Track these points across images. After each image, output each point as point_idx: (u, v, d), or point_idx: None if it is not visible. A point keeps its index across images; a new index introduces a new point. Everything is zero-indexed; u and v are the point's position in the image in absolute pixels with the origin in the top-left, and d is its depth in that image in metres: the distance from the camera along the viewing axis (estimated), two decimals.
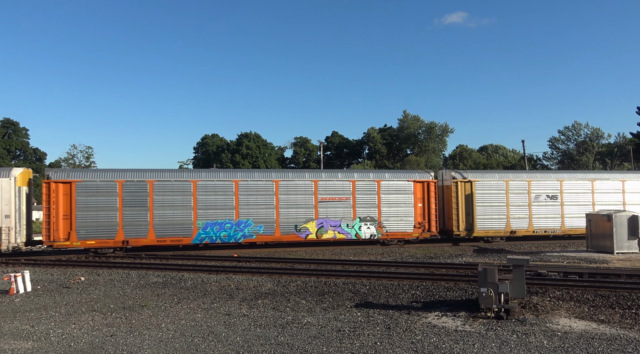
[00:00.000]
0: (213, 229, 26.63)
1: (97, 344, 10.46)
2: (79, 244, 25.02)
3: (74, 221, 24.95)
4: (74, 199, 24.99)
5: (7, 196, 23.98)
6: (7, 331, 11.55)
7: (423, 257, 24.31)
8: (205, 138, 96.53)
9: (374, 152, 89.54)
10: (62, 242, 24.84)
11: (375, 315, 12.77)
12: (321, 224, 27.85)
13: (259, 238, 27.17)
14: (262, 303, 14.42)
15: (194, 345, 10.36)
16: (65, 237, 24.88)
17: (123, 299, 15.06)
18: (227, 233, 26.78)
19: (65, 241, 24.85)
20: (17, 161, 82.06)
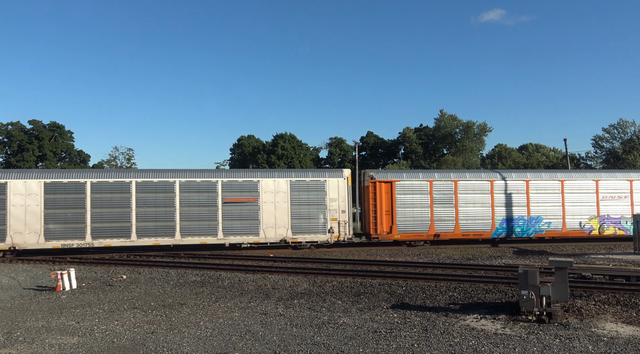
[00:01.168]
0: (509, 225, 29.50)
1: (139, 341, 10.74)
2: (399, 236, 28.46)
3: (395, 217, 28.32)
4: (394, 197, 28.45)
5: (343, 194, 27.86)
6: (55, 327, 12.00)
7: (460, 259, 23.90)
8: (241, 139, 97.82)
9: (409, 152, 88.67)
10: (385, 235, 28.34)
11: (412, 316, 12.62)
12: (603, 221, 30.15)
13: (548, 234, 29.86)
14: (298, 302, 14.49)
15: (232, 343, 10.50)
16: (388, 231, 28.36)
17: (163, 297, 15.41)
18: (521, 228, 29.63)
19: (388, 234, 28.35)
20: (63, 162, 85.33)
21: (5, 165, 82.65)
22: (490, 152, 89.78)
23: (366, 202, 29.33)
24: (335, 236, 27.49)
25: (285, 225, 27.22)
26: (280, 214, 27.21)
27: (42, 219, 25.31)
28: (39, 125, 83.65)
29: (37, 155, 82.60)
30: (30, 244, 25.18)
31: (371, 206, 28.57)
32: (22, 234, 24.99)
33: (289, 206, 27.35)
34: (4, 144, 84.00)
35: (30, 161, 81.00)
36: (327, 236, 27.53)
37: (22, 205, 25.12)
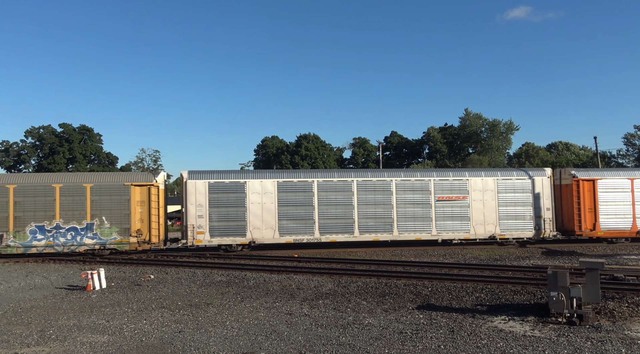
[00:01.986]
0: None
1: (167, 340, 10.91)
2: (602, 233, 28.73)
3: (597, 214, 28.65)
4: (597, 195, 28.76)
5: (547, 192, 28.86)
6: (86, 325, 12.28)
7: (487, 259, 23.56)
8: (265, 140, 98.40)
9: (434, 152, 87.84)
10: (588, 233, 28.66)
11: (438, 318, 12.49)
12: None
13: None
14: (323, 303, 14.49)
15: (257, 343, 10.56)
16: (591, 228, 28.71)
17: (190, 297, 15.62)
18: None
19: (591, 231, 28.69)
20: (92, 164, 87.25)
21: (37, 168, 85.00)
22: (517, 151, 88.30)
23: (566, 200, 29.73)
24: (542, 233, 28.38)
25: (494, 222, 28.45)
26: (488, 212, 28.44)
27: (276, 216, 27.25)
28: (69, 128, 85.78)
29: (68, 157, 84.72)
30: (267, 239, 27.21)
31: (575, 203, 28.87)
32: (259, 229, 27.07)
33: (497, 203, 28.57)
34: (36, 147, 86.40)
35: (61, 164, 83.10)
36: (533, 233, 28.47)
37: (259, 203, 27.15)
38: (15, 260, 25.36)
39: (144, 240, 25.97)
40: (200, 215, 26.64)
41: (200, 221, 26.63)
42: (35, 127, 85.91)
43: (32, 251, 25.49)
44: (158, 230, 26.25)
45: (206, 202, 26.84)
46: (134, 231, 25.94)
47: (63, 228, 25.65)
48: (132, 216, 26.02)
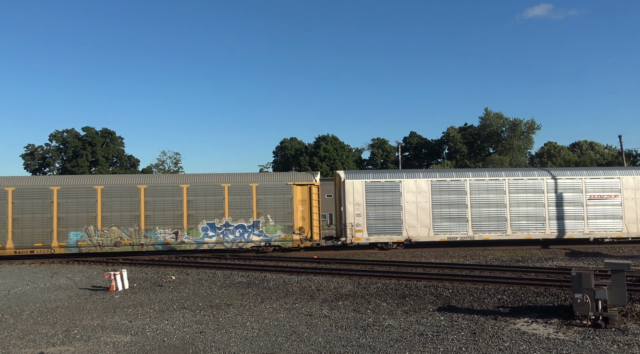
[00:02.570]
0: None
1: (188, 340, 11.01)
2: None
3: None
4: None
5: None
6: (109, 325, 12.48)
7: (509, 261, 23.24)
8: (284, 142, 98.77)
9: (454, 152, 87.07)
10: None
11: (459, 320, 12.37)
12: None
13: None
14: (343, 304, 14.47)
15: (278, 344, 10.59)
16: None
17: (210, 298, 15.74)
18: None
19: None
20: (114, 167, 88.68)
21: (61, 170, 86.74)
22: (539, 150, 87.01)
23: None
24: None
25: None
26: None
27: (430, 215, 27.85)
28: (91, 132, 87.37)
29: (90, 160, 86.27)
30: (422, 237, 27.82)
31: None
32: (415, 228, 27.72)
33: None
34: (60, 150, 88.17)
35: (84, 166, 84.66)
36: None
37: (414, 202, 27.83)
38: (41, 261, 25.90)
39: (306, 237, 27.13)
40: (358, 214, 27.46)
41: (358, 220, 27.43)
42: (59, 131, 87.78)
43: (203, 247, 26.98)
44: (319, 228, 27.38)
45: (363, 201, 27.62)
46: (296, 229, 27.16)
47: (232, 226, 27.05)
48: (294, 214, 27.29)
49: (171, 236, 26.85)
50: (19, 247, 26.06)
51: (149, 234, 26.76)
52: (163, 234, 26.83)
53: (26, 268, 23.92)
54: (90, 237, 26.51)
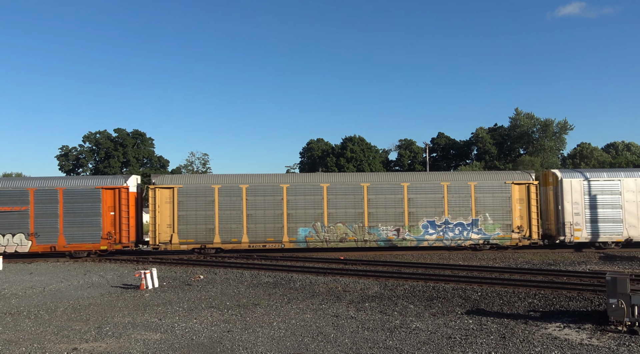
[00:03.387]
0: None
1: (216, 339, 11.14)
2: None
3: None
4: None
5: None
6: (140, 323, 12.73)
7: (540, 264, 22.73)
8: (311, 143, 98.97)
9: (483, 153, 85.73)
10: None
11: (488, 323, 12.16)
12: None
13: None
14: (370, 306, 14.40)
15: (304, 344, 10.62)
16: None
17: (238, 298, 15.89)
18: None
19: None
20: (145, 168, 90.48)
21: (93, 171, 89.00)
22: (571, 151, 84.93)
23: None
24: None
25: None
26: None
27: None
28: (123, 133, 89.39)
29: (122, 161, 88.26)
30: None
31: None
32: (636, 228, 27.38)
33: None
34: (93, 151, 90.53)
35: (116, 167, 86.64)
36: None
37: (634, 201, 27.50)
38: (74, 260, 26.61)
39: (524, 236, 27.31)
40: (576, 213, 27.33)
41: (577, 219, 27.29)
42: (92, 132, 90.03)
43: (423, 244, 27.58)
44: (537, 226, 27.45)
45: (582, 200, 27.36)
46: (515, 227, 27.33)
47: (451, 224, 27.53)
48: (512, 212, 27.40)
49: (393, 233, 27.51)
50: (253, 242, 26.99)
51: (372, 231, 27.47)
52: (385, 231, 27.50)
53: (60, 266, 24.60)
54: (318, 233, 27.40)
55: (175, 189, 27.03)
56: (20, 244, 26.50)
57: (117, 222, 26.75)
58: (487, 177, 28.42)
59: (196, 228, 27.02)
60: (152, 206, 26.97)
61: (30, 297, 16.79)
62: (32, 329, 12.21)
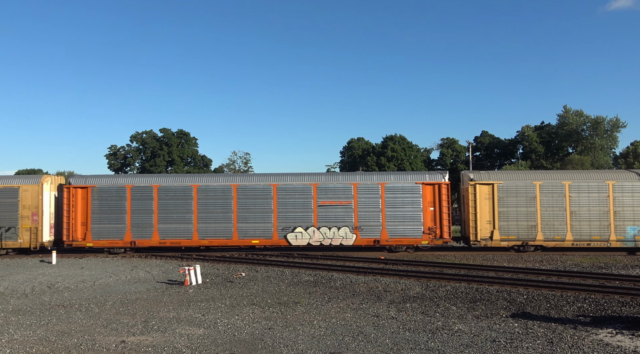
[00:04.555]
0: None
1: (257, 336, 11.27)
2: None
3: None
4: None
5: None
6: (184, 318, 13.04)
7: (590, 267, 21.87)
8: (351, 142, 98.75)
9: (529, 152, 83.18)
10: None
11: (534, 327, 11.78)
12: None
13: None
14: (411, 306, 14.23)
15: (345, 344, 10.60)
16: None
17: (278, 295, 16.04)
18: None
19: None
20: (189, 167, 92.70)
21: (140, 170, 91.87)
22: (624, 150, 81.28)
23: None
24: None
25: None
26: None
27: None
28: (168, 133, 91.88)
29: (167, 160, 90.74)
30: None
31: None
32: None
33: None
34: (140, 150, 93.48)
35: (161, 166, 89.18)
36: None
37: None
38: (122, 255, 27.55)
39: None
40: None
41: None
42: (139, 132, 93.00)
43: None
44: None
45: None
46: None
47: None
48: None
49: None
50: (577, 240, 26.87)
51: None
52: None
53: (109, 261, 25.53)
54: None
55: (495, 185, 27.25)
56: (345, 238, 27.25)
57: (437, 218, 27.19)
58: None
59: (517, 225, 27.03)
60: (472, 202, 27.25)
61: (82, 290, 17.50)
62: (83, 322, 12.72)
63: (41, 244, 27.66)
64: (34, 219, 27.54)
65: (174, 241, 27.59)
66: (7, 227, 27.58)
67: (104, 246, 27.69)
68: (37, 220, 27.54)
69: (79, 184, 27.88)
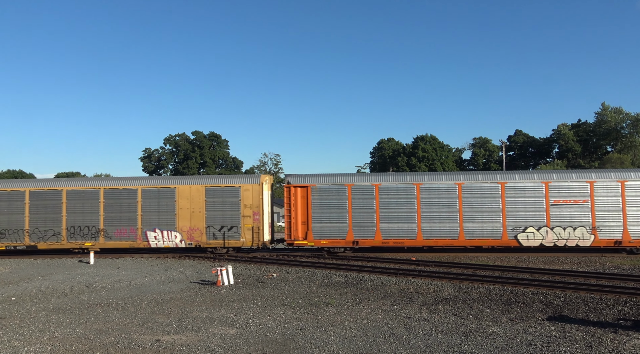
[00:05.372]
0: None
1: (289, 336, 11.33)
2: None
3: None
4: None
5: None
6: (217, 318, 13.22)
7: (631, 269, 21.11)
8: (381, 142, 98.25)
9: (565, 151, 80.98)
10: None
11: (572, 331, 11.45)
12: None
13: None
14: (443, 308, 14.05)
15: (376, 345, 10.53)
16: None
17: (309, 296, 16.08)
18: None
19: None
20: (220, 169, 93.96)
21: (173, 172, 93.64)
22: None
23: None
24: None
25: None
26: None
27: None
28: (200, 135, 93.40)
29: (199, 162, 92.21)
30: None
31: None
32: None
33: None
34: (173, 153, 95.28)
35: (194, 168, 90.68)
36: None
37: None
38: (157, 255, 28.14)
39: None
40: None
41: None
42: (172, 135, 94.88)
43: None
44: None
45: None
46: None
47: None
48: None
49: None
50: None
51: None
52: None
53: (144, 262, 26.11)
54: None
55: None
56: (582, 238, 25.98)
57: None
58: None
59: None
60: None
61: (118, 290, 17.95)
62: (119, 320, 13.05)
63: (263, 244, 27.88)
64: (256, 219, 27.80)
65: (397, 241, 27.08)
66: (230, 226, 27.96)
67: (325, 246, 27.47)
68: (259, 219, 27.80)
69: (299, 184, 27.80)
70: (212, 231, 28.04)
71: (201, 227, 28.01)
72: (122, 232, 28.32)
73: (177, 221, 28.10)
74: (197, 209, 28.08)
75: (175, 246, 28.16)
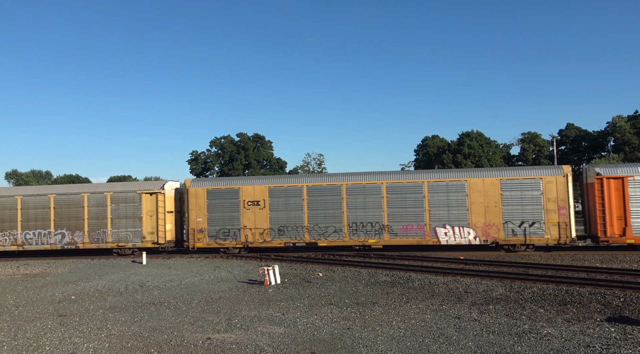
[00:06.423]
0: None
1: (336, 336, 11.32)
2: None
3: None
4: None
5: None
6: (265, 317, 13.39)
7: None
8: (426, 140, 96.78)
9: (621, 144, 77.22)
10: None
11: (634, 333, 10.89)
12: None
13: None
14: (494, 308, 13.67)
15: (425, 346, 10.37)
16: None
17: (356, 296, 16.02)
18: None
19: None
20: (264, 169, 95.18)
21: (219, 173, 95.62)
22: None
23: None
24: None
25: None
26: None
27: None
28: (244, 137, 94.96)
29: (244, 164, 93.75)
30: None
31: None
32: None
33: None
34: (219, 155, 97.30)
35: (239, 170, 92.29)
36: None
37: None
38: (205, 255, 28.81)
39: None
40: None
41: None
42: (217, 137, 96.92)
43: None
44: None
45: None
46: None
47: None
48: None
49: None
50: None
51: None
52: None
53: (194, 262, 26.78)
54: None
55: None
56: None
57: None
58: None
59: None
60: None
61: (170, 289, 18.48)
62: (171, 319, 13.42)
63: (572, 240, 26.01)
64: (562, 213, 25.84)
65: None
66: (531, 221, 26.16)
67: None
68: (565, 213, 25.85)
69: (611, 175, 25.65)
70: (510, 226, 26.54)
71: (498, 223, 26.60)
72: (409, 228, 27.25)
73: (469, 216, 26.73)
74: (493, 203, 26.59)
75: (468, 243, 26.68)
